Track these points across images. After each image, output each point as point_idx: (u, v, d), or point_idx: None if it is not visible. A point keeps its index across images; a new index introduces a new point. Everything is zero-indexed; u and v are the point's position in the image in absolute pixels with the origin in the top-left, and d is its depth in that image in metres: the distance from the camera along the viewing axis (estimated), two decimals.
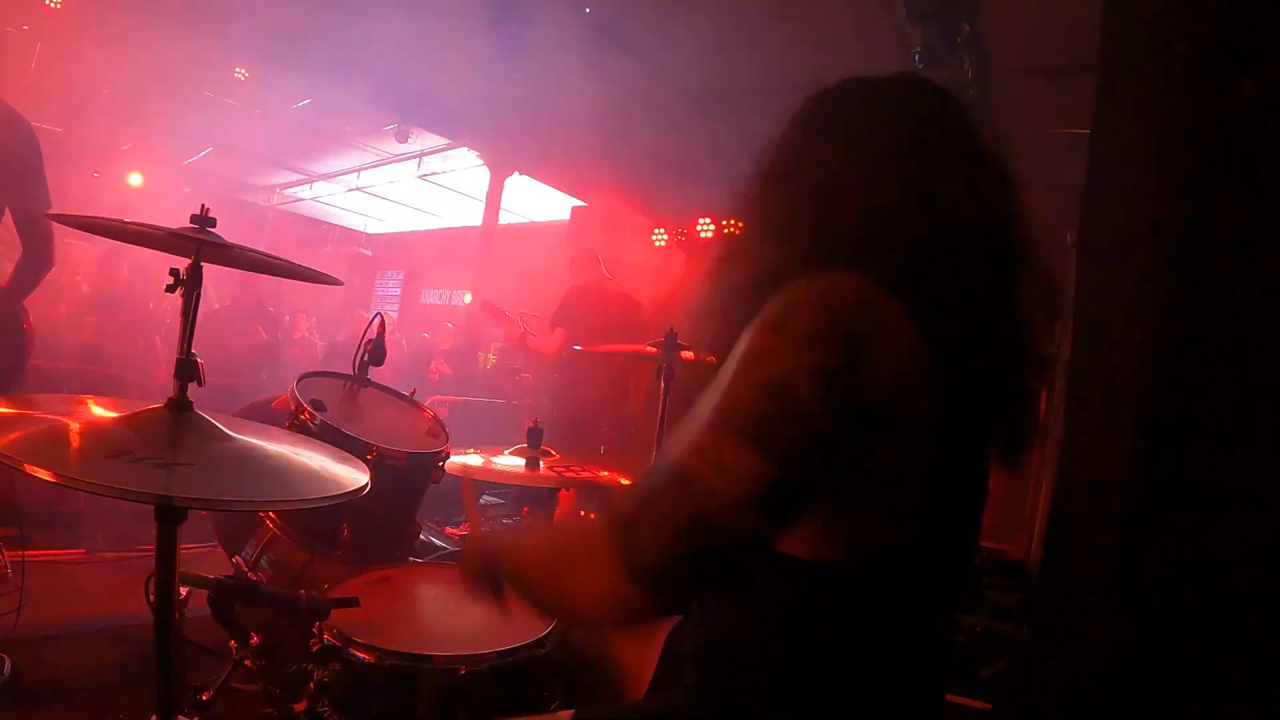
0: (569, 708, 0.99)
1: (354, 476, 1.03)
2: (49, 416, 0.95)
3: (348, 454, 1.17)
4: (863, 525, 0.72)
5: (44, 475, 0.75)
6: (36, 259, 2.30)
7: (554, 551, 0.78)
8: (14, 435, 0.83)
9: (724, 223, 5.41)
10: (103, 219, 1.05)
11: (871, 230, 0.77)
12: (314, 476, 1.00)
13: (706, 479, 0.65)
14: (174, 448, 0.93)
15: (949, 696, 2.16)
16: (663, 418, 2.30)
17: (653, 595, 0.66)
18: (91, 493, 0.76)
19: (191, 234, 1.01)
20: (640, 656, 1.15)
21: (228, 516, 2.30)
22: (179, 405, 1.00)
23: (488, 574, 0.85)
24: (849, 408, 0.67)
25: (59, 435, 0.89)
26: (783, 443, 0.65)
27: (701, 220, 5.69)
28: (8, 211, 2.27)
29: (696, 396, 0.83)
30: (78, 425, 0.94)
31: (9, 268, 2.35)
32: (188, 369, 1.00)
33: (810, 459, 0.67)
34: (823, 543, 0.72)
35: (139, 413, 0.99)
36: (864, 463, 0.70)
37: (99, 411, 1.01)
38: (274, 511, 1.72)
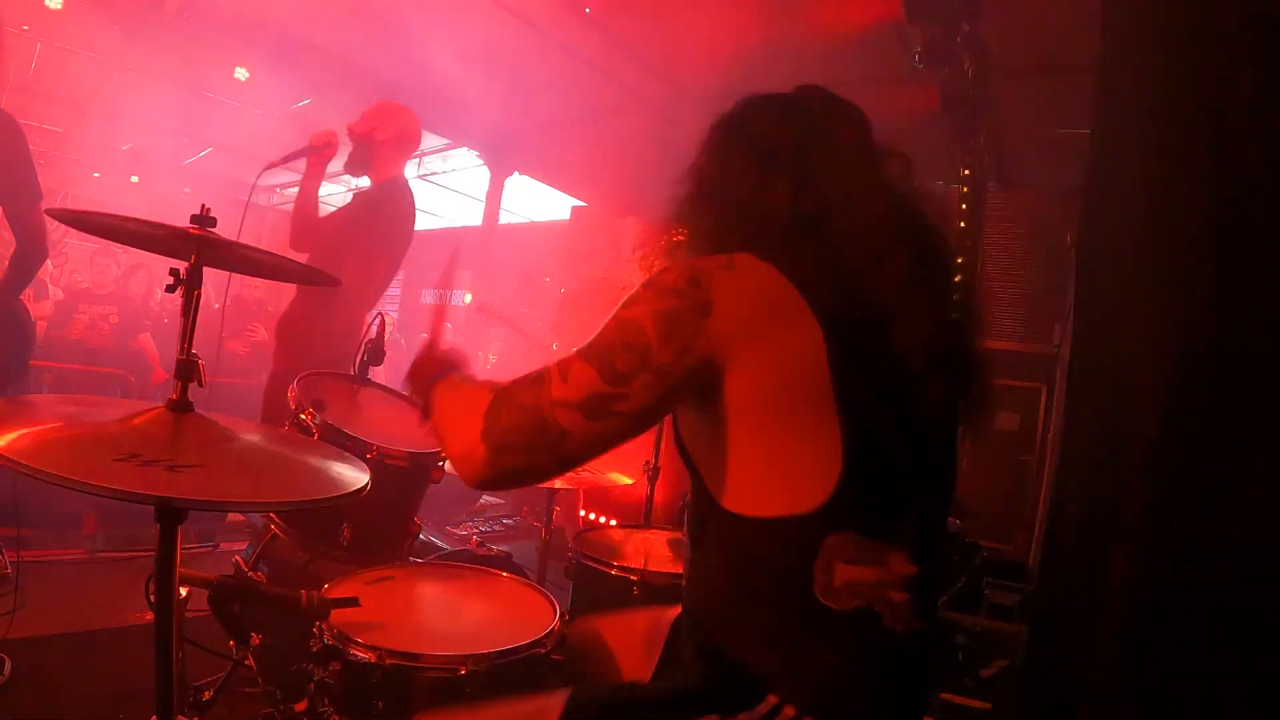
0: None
1: (355, 476, 1.03)
2: (50, 417, 0.95)
3: (348, 454, 1.17)
4: (789, 483, 0.80)
5: (48, 477, 0.75)
6: (30, 253, 2.30)
7: (455, 401, 0.94)
8: (15, 437, 0.83)
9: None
10: (104, 214, 1.05)
11: (754, 218, 0.88)
12: (315, 476, 1.00)
13: (552, 380, 0.82)
14: (175, 448, 0.93)
15: (949, 696, 2.16)
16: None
17: (494, 460, 0.82)
18: (95, 495, 0.76)
19: (192, 232, 1.01)
20: (641, 657, 1.16)
21: None
22: (180, 406, 1.00)
23: (423, 395, 1.02)
24: (692, 349, 0.79)
25: (62, 437, 0.89)
26: (617, 365, 0.80)
27: None
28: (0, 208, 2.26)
29: None
30: (79, 426, 0.94)
31: (4, 266, 2.35)
32: (188, 369, 1.00)
33: (644, 386, 0.79)
34: (759, 500, 0.81)
35: (140, 413, 0.99)
36: (721, 403, 0.81)
37: (99, 412, 1.01)
38: (274, 511, 1.72)
